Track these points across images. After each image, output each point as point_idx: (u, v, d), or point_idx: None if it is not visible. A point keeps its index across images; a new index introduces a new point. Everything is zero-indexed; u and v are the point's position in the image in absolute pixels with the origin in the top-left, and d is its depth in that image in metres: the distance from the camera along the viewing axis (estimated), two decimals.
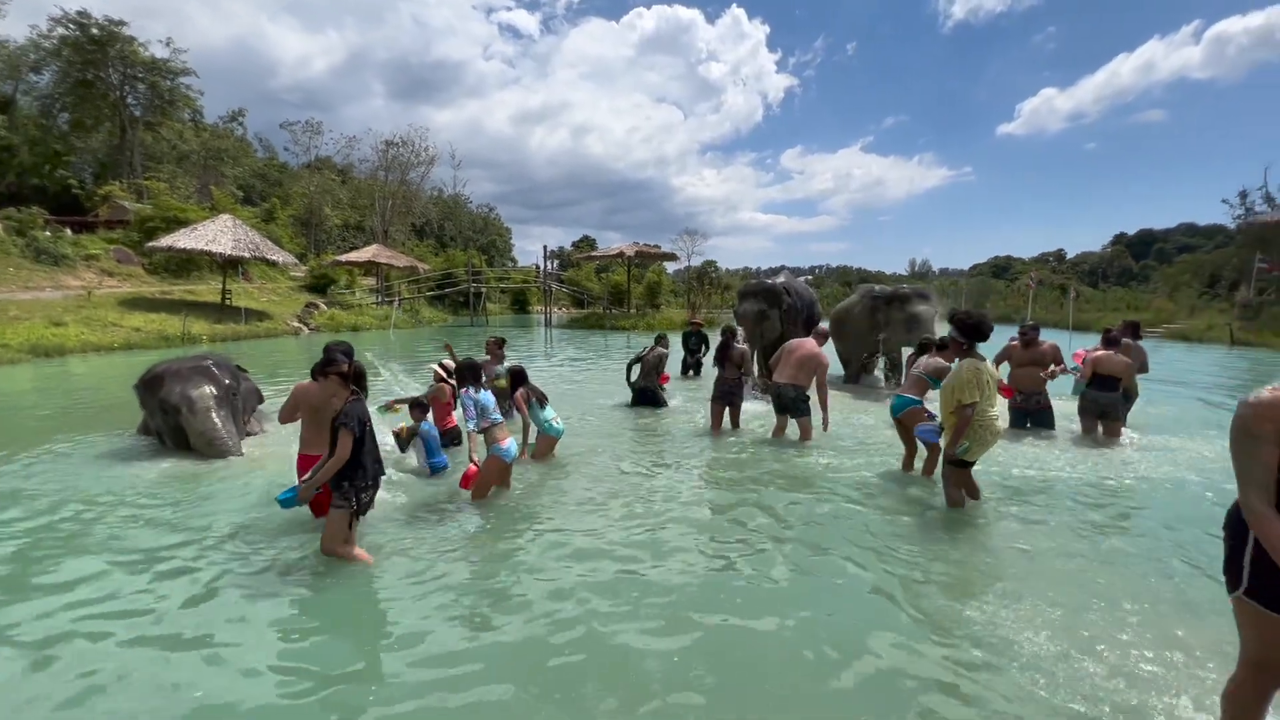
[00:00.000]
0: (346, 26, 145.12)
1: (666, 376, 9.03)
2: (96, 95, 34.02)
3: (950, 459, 4.59)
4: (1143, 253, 66.12)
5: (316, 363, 3.94)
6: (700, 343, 11.63)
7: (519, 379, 5.77)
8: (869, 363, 11.26)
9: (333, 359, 3.89)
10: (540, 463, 5.89)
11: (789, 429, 6.84)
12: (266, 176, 44.11)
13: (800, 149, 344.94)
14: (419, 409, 5.71)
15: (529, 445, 5.91)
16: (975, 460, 4.56)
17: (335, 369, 3.83)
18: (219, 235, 21.45)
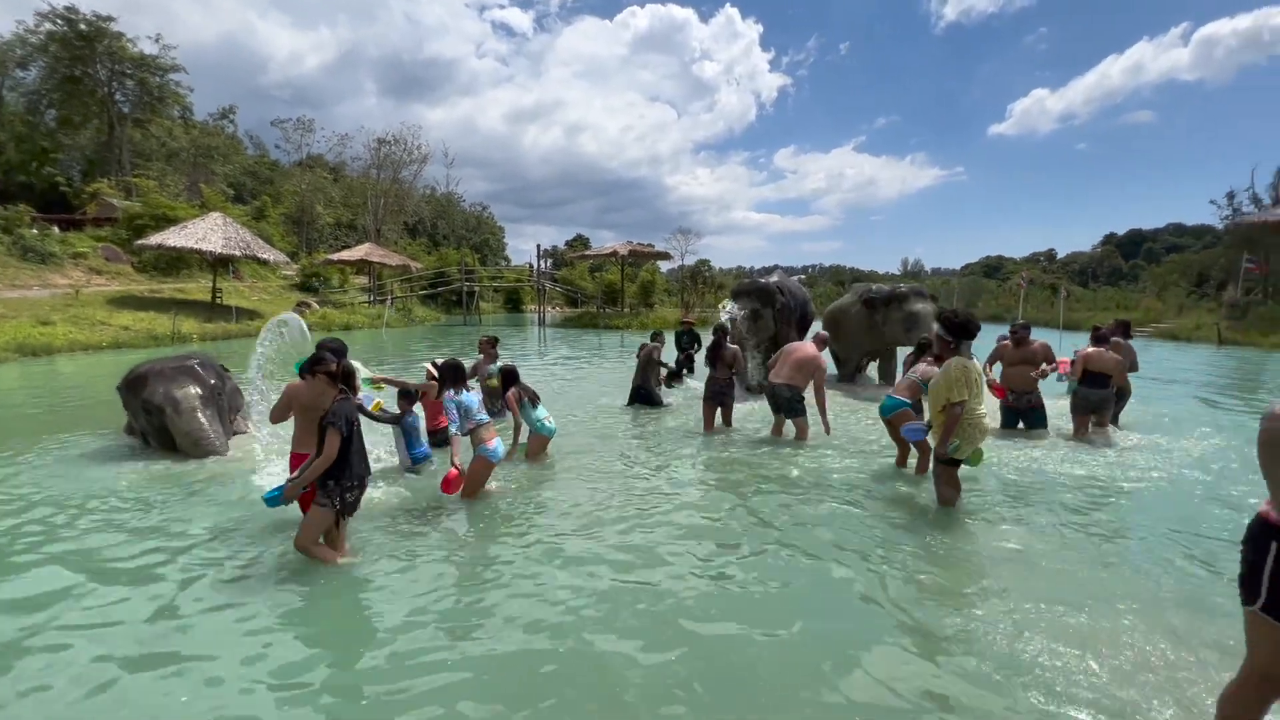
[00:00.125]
0: (338, 23, 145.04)
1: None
2: (84, 91, 33.68)
3: (941, 457, 4.59)
4: (1132, 252, 66.70)
5: (305, 361, 3.89)
6: (692, 341, 11.66)
7: (510, 378, 5.73)
8: (864, 364, 11.27)
9: (321, 358, 3.85)
10: (532, 462, 5.86)
11: (786, 429, 6.85)
12: (257, 174, 43.82)
13: (793, 148, 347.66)
14: (406, 399, 5.51)
15: (521, 445, 5.87)
16: (965, 458, 4.56)
17: (323, 368, 3.79)
18: (209, 233, 21.28)
